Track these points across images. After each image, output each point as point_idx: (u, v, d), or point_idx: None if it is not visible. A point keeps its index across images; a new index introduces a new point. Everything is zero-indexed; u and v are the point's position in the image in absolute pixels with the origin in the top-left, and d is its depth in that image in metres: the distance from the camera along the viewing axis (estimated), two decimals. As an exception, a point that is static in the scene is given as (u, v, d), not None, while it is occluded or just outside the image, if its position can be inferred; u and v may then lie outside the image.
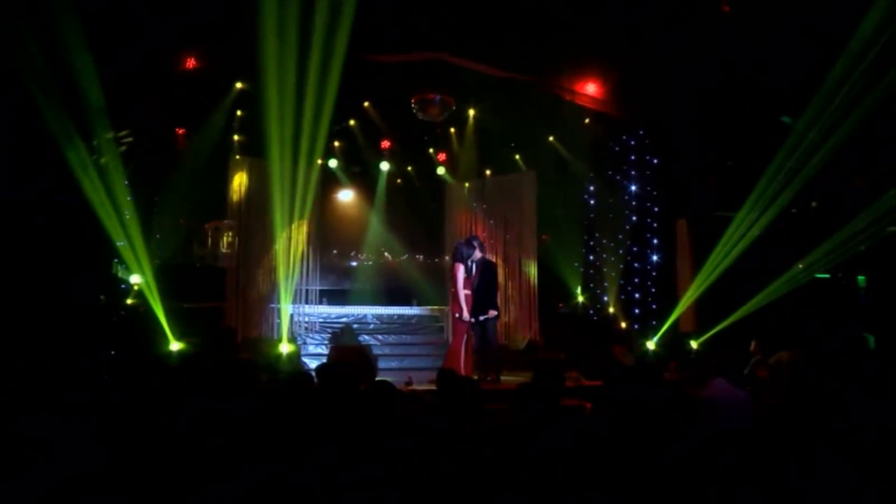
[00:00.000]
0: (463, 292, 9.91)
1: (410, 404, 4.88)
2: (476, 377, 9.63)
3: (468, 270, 10.08)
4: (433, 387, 7.46)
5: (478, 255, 10.16)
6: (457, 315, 9.94)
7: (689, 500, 3.68)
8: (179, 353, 9.46)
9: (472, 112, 13.57)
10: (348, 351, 10.75)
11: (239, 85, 11.92)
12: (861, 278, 11.85)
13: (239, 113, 12.37)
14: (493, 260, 11.18)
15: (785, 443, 3.70)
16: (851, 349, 10.11)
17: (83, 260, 9.10)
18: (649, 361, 11.05)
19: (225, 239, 13.74)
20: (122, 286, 10.50)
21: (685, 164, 12.79)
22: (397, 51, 10.54)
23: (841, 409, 3.87)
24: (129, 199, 9.60)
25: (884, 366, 5.28)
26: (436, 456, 4.18)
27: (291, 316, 12.94)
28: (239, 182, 12.83)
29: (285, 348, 10.57)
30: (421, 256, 17.08)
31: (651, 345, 12.06)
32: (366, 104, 13.00)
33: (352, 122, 13.69)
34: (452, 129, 14.19)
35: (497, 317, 10.23)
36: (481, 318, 9.89)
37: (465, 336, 9.94)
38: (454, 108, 12.15)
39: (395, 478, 3.93)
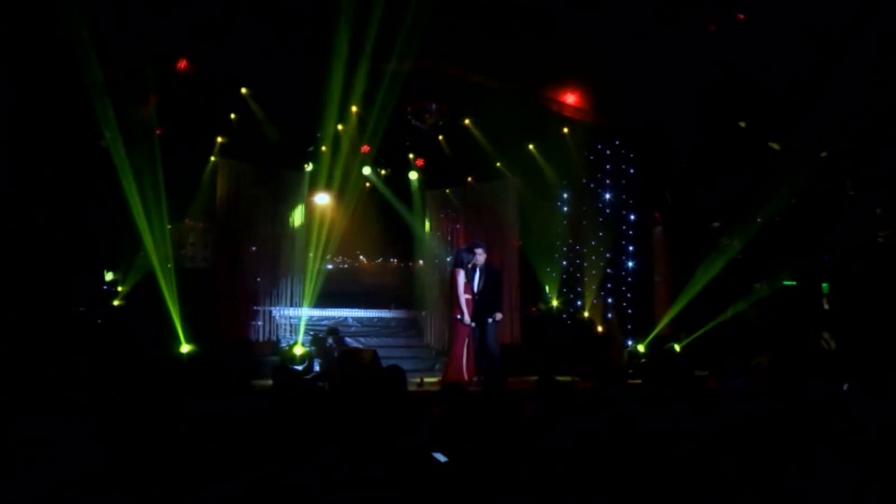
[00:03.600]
0: (463, 296, 9.98)
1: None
2: (476, 378, 9.75)
3: (468, 275, 10.13)
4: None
5: (482, 260, 10.26)
6: (458, 317, 10.00)
7: (690, 500, 3.71)
8: (188, 354, 9.47)
9: (462, 120, 13.63)
10: (360, 354, 10.81)
11: (244, 90, 11.90)
12: (825, 285, 12.13)
13: (233, 116, 12.32)
14: (495, 267, 11.25)
15: (785, 443, 3.74)
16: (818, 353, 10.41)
17: (71, 261, 9.05)
18: (639, 364, 11.19)
19: (191, 238, 13.73)
20: (105, 287, 10.42)
21: (662, 172, 12.94)
22: (394, 58, 10.61)
23: (841, 410, 3.92)
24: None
25: (884, 366, 5.36)
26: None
27: (273, 317, 13.02)
28: (225, 183, 12.74)
29: (299, 351, 10.61)
30: (395, 260, 17.12)
31: (641, 348, 12.19)
32: (353, 108, 12.98)
33: (340, 127, 13.72)
34: (441, 137, 14.22)
35: (500, 320, 10.27)
36: (488, 320, 9.94)
37: (467, 339, 9.98)
38: (448, 115, 12.19)
39: (395, 478, 3.93)
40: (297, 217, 13.74)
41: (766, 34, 9.57)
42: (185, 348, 9.98)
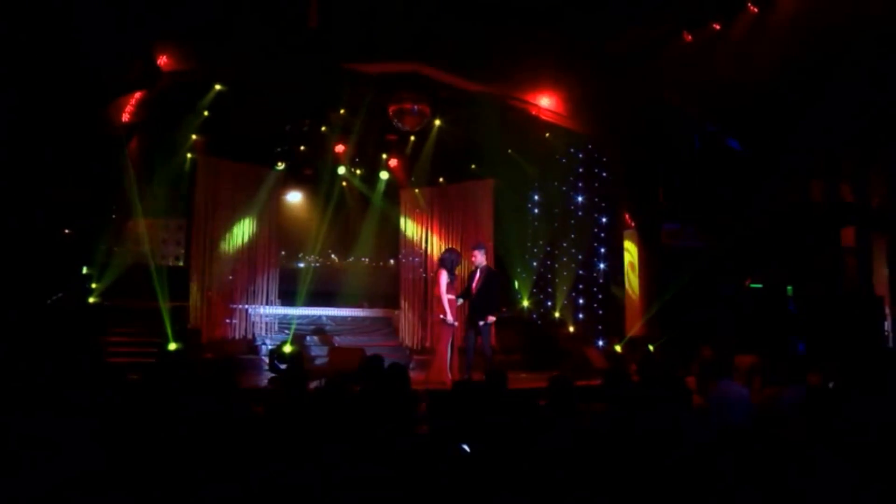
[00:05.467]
0: (446, 297, 10.04)
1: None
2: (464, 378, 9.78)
3: (451, 275, 10.24)
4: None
5: (482, 261, 10.35)
6: (441, 317, 10.06)
7: (689, 500, 3.75)
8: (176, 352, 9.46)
9: (437, 122, 13.67)
10: (349, 353, 10.81)
11: (217, 87, 11.83)
12: (789, 288, 12.38)
13: (206, 113, 12.26)
14: (495, 269, 11.29)
15: (785, 443, 3.79)
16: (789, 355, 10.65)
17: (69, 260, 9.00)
18: (620, 363, 11.31)
19: (162, 236, 13.71)
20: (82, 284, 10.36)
21: (635, 177, 13.08)
22: (375, 60, 10.61)
23: (841, 409, 3.98)
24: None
25: (884, 366, 5.45)
26: (436, 456, 4.21)
27: (249, 315, 13.09)
28: (202, 181, 12.71)
29: (288, 349, 10.65)
30: (366, 259, 17.17)
31: (618, 348, 12.32)
32: (342, 111, 12.99)
33: (323, 128, 13.74)
34: (412, 137, 14.25)
35: (493, 322, 10.28)
36: (480, 323, 9.96)
37: (451, 339, 10.04)
38: (429, 117, 12.23)
39: (395, 478, 3.94)
40: (272, 215, 13.76)
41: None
42: (172, 346, 9.97)
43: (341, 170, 14.85)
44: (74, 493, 3.63)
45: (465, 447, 4.03)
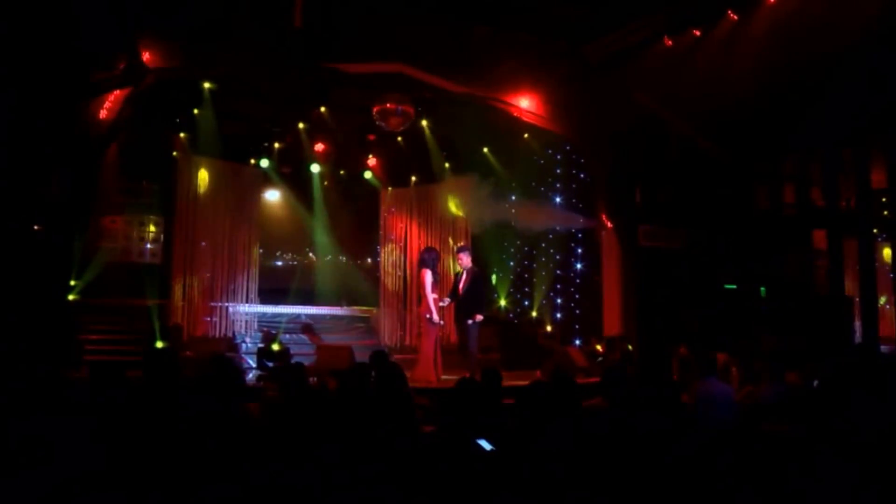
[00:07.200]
0: (431, 296, 10.10)
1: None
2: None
3: (435, 276, 10.38)
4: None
5: (468, 263, 10.57)
6: (427, 316, 10.10)
7: (689, 500, 3.79)
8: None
9: (423, 122, 13.67)
10: (337, 351, 10.79)
11: (207, 85, 11.76)
12: (762, 289, 12.60)
13: (196, 111, 12.17)
14: (479, 269, 11.32)
15: (785, 443, 3.85)
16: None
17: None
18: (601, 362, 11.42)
19: (136, 234, 13.61)
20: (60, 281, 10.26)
21: (612, 178, 13.20)
22: (359, 60, 10.61)
23: (841, 409, 4.05)
24: None
25: (885, 366, 5.56)
26: (436, 456, 4.22)
27: (229, 313, 13.02)
28: (185, 178, 12.61)
29: (276, 347, 10.64)
30: (345, 258, 17.16)
31: (599, 347, 12.42)
32: (323, 109, 12.95)
33: (301, 126, 13.70)
34: (399, 138, 14.25)
35: (481, 322, 10.38)
36: (468, 322, 10.15)
37: (436, 339, 10.11)
38: (413, 118, 12.26)
39: (395, 478, 3.95)
40: (252, 213, 13.70)
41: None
42: (159, 344, 9.91)
43: (321, 168, 14.80)
44: (74, 493, 3.59)
45: (484, 443, 4.03)
